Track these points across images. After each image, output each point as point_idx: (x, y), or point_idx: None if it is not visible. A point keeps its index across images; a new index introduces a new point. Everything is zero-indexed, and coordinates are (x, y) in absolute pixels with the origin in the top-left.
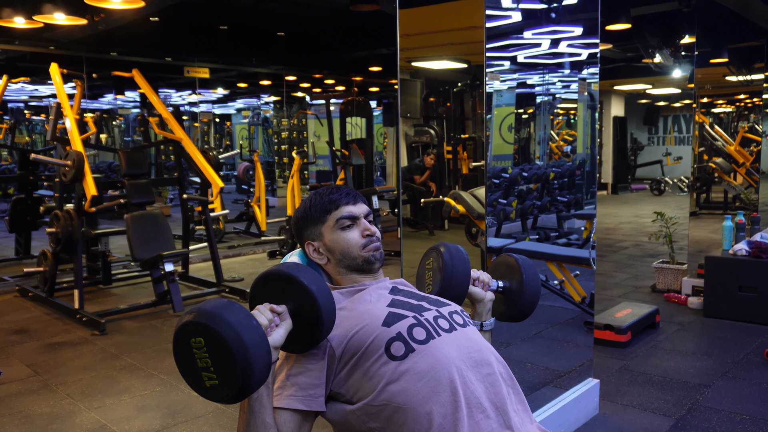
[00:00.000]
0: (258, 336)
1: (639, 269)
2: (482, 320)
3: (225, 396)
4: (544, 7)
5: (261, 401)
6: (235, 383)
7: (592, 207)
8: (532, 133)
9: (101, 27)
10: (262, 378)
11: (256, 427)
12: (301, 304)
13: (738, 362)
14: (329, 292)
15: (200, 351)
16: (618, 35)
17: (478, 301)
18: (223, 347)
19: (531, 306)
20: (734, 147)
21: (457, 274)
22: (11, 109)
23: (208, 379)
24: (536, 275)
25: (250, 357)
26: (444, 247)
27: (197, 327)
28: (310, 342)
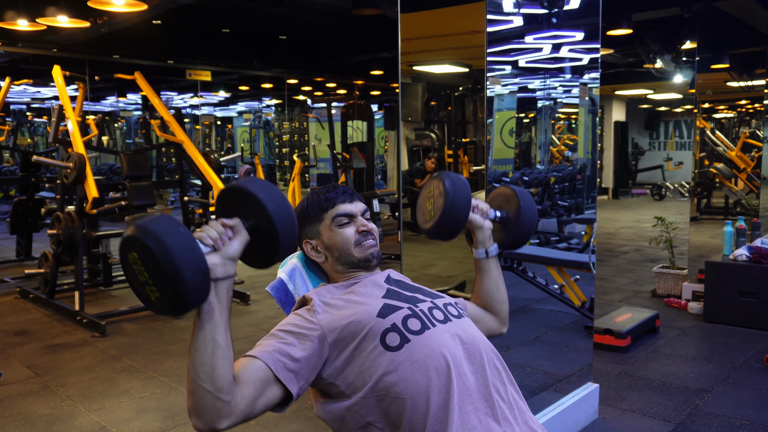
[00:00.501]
0: (183, 241)
1: (639, 274)
2: (486, 247)
3: (168, 307)
4: (546, 12)
5: (212, 317)
6: (168, 290)
7: (592, 211)
8: (533, 137)
9: (104, 30)
10: (199, 285)
11: (205, 343)
12: (255, 218)
13: (738, 368)
14: (286, 206)
15: (137, 266)
16: (619, 40)
17: (478, 228)
18: (150, 256)
19: (528, 233)
20: (735, 152)
21: (460, 198)
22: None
23: (151, 292)
24: (533, 204)
25: (175, 261)
26: (445, 175)
27: (127, 242)
28: (271, 254)
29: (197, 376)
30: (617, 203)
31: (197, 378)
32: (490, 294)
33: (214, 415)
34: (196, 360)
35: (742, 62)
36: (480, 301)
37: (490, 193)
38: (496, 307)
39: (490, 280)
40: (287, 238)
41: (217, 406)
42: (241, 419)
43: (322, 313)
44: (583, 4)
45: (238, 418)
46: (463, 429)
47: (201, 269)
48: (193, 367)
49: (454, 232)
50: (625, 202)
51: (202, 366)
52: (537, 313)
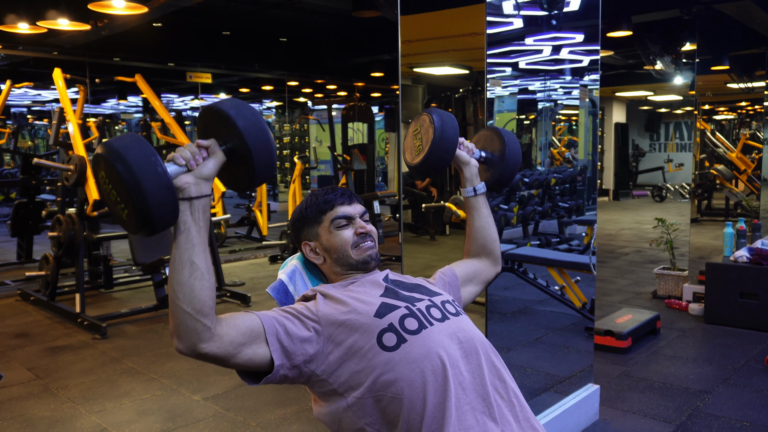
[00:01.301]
0: (143, 155)
1: (640, 275)
2: (474, 185)
3: (136, 223)
4: (545, 14)
5: (188, 237)
6: (133, 205)
7: (593, 213)
8: (533, 139)
9: (104, 32)
10: (161, 198)
11: (182, 264)
12: (231, 138)
13: (739, 369)
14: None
15: (106, 184)
16: (619, 42)
17: (465, 164)
18: (113, 172)
19: (513, 171)
20: (735, 154)
21: (448, 129)
22: (14, 114)
23: (122, 210)
24: (517, 145)
25: (134, 174)
26: (432, 110)
27: (95, 162)
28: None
29: (176, 297)
30: (618, 205)
31: (176, 299)
32: (483, 232)
33: (194, 337)
34: (174, 280)
35: (742, 64)
36: (474, 244)
37: (476, 135)
38: (489, 246)
39: (480, 218)
40: (261, 158)
41: (197, 327)
42: (222, 353)
43: (322, 307)
44: (582, 6)
45: (219, 351)
46: (460, 428)
47: (162, 183)
48: (172, 288)
49: (443, 163)
50: (626, 203)
51: (180, 286)
52: (538, 315)
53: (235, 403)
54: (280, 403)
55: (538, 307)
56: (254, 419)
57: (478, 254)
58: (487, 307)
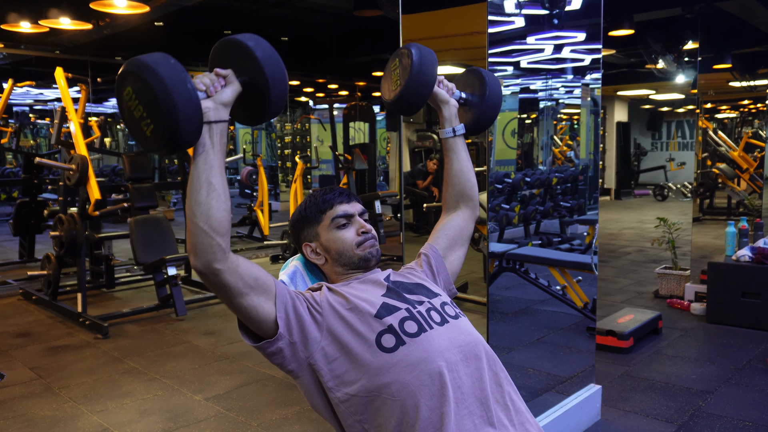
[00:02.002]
0: (174, 71)
1: (642, 275)
2: (453, 125)
3: (163, 138)
4: (547, 13)
5: (206, 158)
6: (162, 119)
7: (594, 212)
8: (535, 138)
9: (106, 32)
10: (190, 113)
11: (200, 184)
12: (248, 70)
13: (741, 369)
14: (276, 57)
15: (132, 101)
16: (621, 41)
17: (444, 103)
18: (143, 86)
19: (491, 116)
20: (738, 153)
21: (427, 64)
22: (16, 113)
23: (146, 126)
24: (498, 86)
25: (167, 88)
26: (411, 45)
27: (121, 78)
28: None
29: (194, 216)
30: (619, 204)
31: (194, 217)
32: (461, 176)
33: (210, 255)
34: (193, 200)
35: (745, 62)
36: (452, 190)
37: (458, 76)
38: (468, 191)
39: (459, 161)
40: (277, 90)
41: (213, 245)
42: (233, 283)
43: (326, 298)
44: (584, 5)
45: (230, 279)
46: None
47: (191, 98)
48: (190, 207)
49: (420, 99)
50: (628, 202)
51: (198, 206)
52: (539, 315)
53: (236, 403)
54: (282, 403)
55: (539, 307)
56: (255, 419)
57: (457, 202)
58: (488, 307)
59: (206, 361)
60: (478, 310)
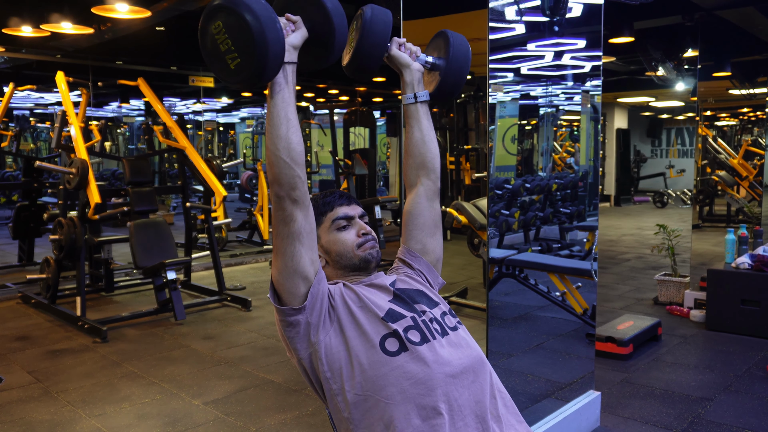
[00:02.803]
0: (267, 9)
1: (641, 281)
2: (415, 91)
3: (248, 71)
4: (548, 20)
5: (283, 96)
6: (254, 55)
7: (594, 219)
8: (535, 144)
9: (107, 36)
10: (276, 56)
11: (279, 119)
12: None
13: (740, 376)
14: (340, 7)
15: (221, 35)
16: (621, 48)
17: (405, 66)
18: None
19: (458, 82)
20: (737, 160)
21: (377, 23)
22: (17, 117)
23: (231, 60)
24: (464, 46)
25: (261, 23)
26: (366, 6)
27: (215, 11)
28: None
29: (276, 149)
30: (619, 210)
31: (276, 150)
32: (422, 146)
33: (291, 182)
34: (273, 134)
35: (744, 70)
36: (413, 161)
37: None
38: (428, 162)
39: (420, 130)
40: (341, 39)
41: (295, 176)
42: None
43: (341, 292)
44: (585, 12)
45: (301, 212)
46: None
47: (280, 38)
48: (272, 141)
49: (372, 60)
50: (627, 209)
51: (279, 140)
52: (539, 321)
53: (235, 407)
54: (280, 408)
55: (539, 313)
56: (254, 424)
57: (417, 175)
58: (488, 312)
59: (205, 365)
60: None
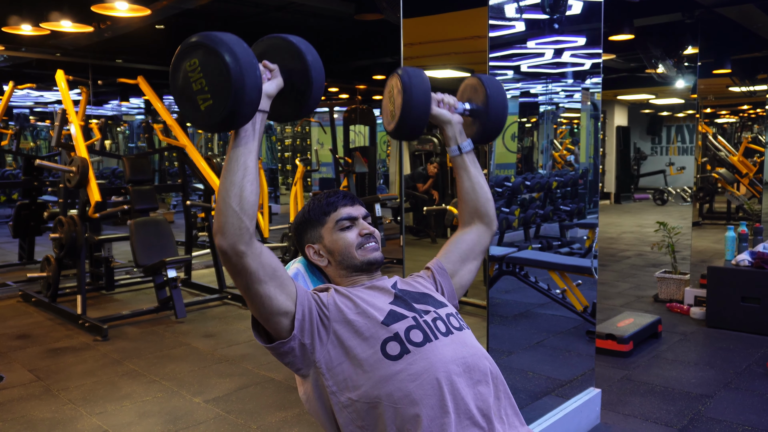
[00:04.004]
0: (249, 55)
1: (641, 279)
2: (458, 143)
3: (218, 116)
4: (548, 18)
5: (246, 143)
6: (227, 99)
7: (594, 216)
8: (535, 142)
9: (107, 34)
10: (252, 100)
11: (238, 165)
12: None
13: (740, 373)
14: (317, 57)
15: (195, 73)
16: (621, 45)
17: (446, 122)
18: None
19: (498, 124)
20: (737, 157)
21: (418, 93)
22: (17, 115)
23: (203, 101)
24: (502, 93)
25: (242, 69)
26: (402, 70)
27: (192, 48)
28: (300, 105)
29: (227, 195)
30: (619, 208)
31: (227, 197)
32: (474, 194)
33: (237, 236)
34: (228, 180)
35: (744, 67)
36: (466, 207)
37: (460, 87)
38: (481, 208)
39: (469, 179)
40: (318, 93)
41: (241, 227)
42: (254, 269)
43: (334, 301)
44: (585, 10)
45: (253, 264)
46: None
47: (258, 84)
48: (224, 187)
49: (418, 129)
50: (627, 206)
51: (232, 186)
52: (539, 318)
53: (236, 405)
54: (281, 405)
55: (539, 311)
56: (255, 422)
57: (472, 218)
58: (488, 310)
59: (206, 363)
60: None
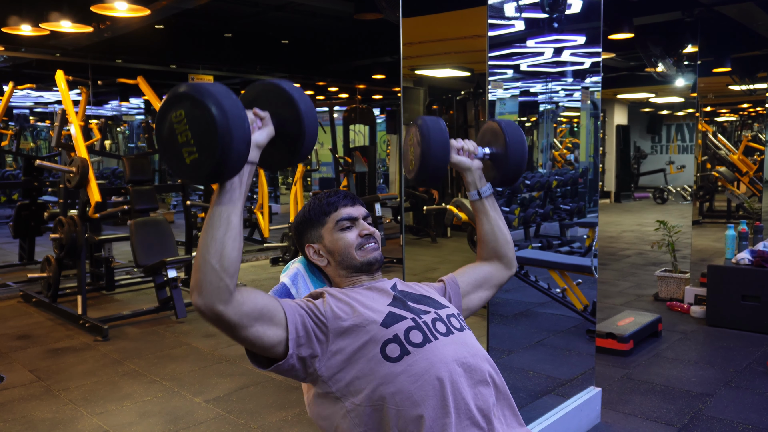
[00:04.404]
0: (237, 108)
1: (641, 278)
2: (478, 188)
3: (205, 170)
4: (547, 17)
5: (232, 197)
6: (213, 152)
7: (594, 215)
8: (534, 141)
9: (107, 34)
10: (240, 155)
11: (221, 221)
12: (284, 115)
13: (741, 371)
14: (311, 105)
15: (180, 125)
16: (621, 44)
17: (466, 169)
18: (203, 115)
19: (518, 168)
20: (737, 156)
21: (436, 143)
22: (17, 116)
23: (188, 154)
24: (521, 137)
25: (229, 123)
26: (421, 120)
27: (178, 99)
28: (292, 154)
29: (207, 252)
30: (619, 207)
31: (206, 253)
32: (493, 236)
33: (215, 295)
34: (209, 236)
35: (744, 66)
36: (485, 248)
37: (480, 131)
38: (501, 249)
39: (489, 222)
40: (310, 143)
41: (220, 286)
42: (236, 321)
43: (330, 308)
44: (584, 9)
45: (234, 317)
46: None
47: (246, 138)
48: (205, 243)
49: (438, 177)
50: (628, 205)
51: (213, 242)
52: (539, 317)
53: (236, 405)
54: (282, 405)
55: (539, 310)
56: (255, 422)
57: (491, 258)
58: (488, 309)
59: (206, 363)
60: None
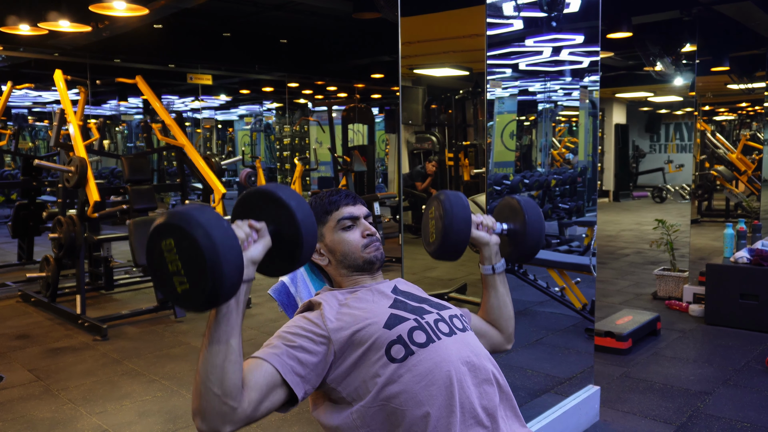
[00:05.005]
0: (228, 237)
1: (640, 276)
2: (493, 263)
3: (196, 301)
4: (545, 16)
5: (228, 319)
6: (203, 283)
7: (593, 214)
8: (533, 140)
9: (105, 34)
10: (233, 283)
11: (219, 346)
12: (281, 224)
13: (739, 370)
14: (310, 211)
15: (171, 254)
16: (619, 43)
17: (484, 244)
18: (191, 245)
19: (535, 246)
20: (736, 155)
21: (458, 220)
22: (15, 115)
23: (179, 284)
24: (539, 215)
25: (218, 254)
26: (444, 195)
27: (167, 228)
28: (291, 262)
29: (207, 379)
30: (618, 206)
31: (207, 381)
32: (497, 311)
33: (218, 420)
34: (208, 363)
35: (742, 65)
36: (486, 317)
37: (497, 205)
38: (502, 324)
39: (496, 297)
40: (308, 251)
41: (224, 410)
42: (244, 423)
43: (329, 319)
44: (582, 7)
45: (242, 423)
46: None
47: (239, 266)
48: (204, 370)
49: (458, 253)
50: (626, 204)
51: (213, 369)
52: (538, 316)
53: None
54: None
55: (538, 309)
56: None
57: (491, 324)
58: None
59: None
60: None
